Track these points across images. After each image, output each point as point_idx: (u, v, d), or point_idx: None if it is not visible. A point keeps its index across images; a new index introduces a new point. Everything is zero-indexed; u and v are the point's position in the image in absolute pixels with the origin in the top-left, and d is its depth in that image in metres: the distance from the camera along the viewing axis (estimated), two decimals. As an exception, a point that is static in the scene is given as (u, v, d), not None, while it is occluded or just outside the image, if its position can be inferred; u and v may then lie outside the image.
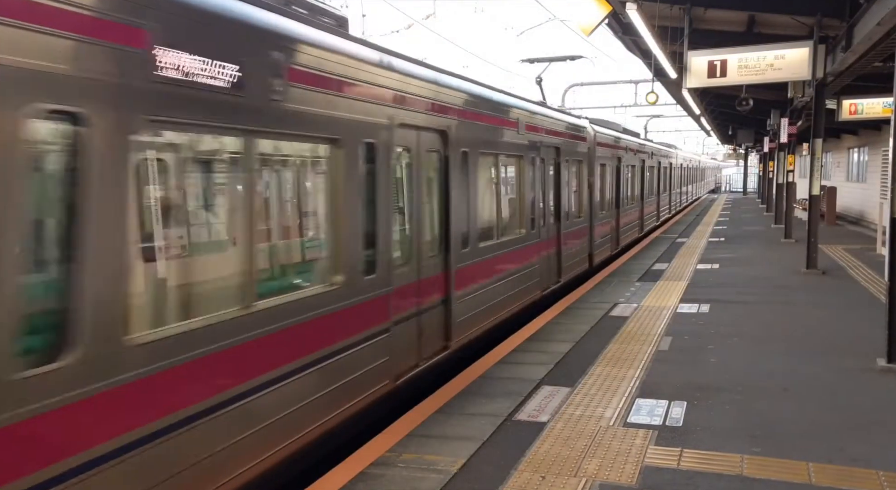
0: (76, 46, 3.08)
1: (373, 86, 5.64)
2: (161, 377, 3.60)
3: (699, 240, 19.91)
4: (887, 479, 4.42)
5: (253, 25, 4.27)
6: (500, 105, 8.88)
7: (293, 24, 4.74)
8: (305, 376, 4.80)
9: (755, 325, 8.84)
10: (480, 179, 8.13)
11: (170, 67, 3.58)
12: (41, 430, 3.00)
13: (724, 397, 6.06)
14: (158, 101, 3.53)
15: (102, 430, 3.27)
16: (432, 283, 6.87)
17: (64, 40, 3.03)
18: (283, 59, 4.49)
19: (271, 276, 4.76)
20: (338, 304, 5.18)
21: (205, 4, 3.92)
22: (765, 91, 17.60)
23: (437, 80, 6.96)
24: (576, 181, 12.86)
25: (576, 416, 5.65)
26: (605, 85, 32.36)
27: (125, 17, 3.32)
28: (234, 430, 4.12)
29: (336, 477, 4.58)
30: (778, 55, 11.93)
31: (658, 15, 11.64)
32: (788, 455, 4.82)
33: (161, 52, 3.53)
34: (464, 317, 7.53)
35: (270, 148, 4.67)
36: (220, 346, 4.01)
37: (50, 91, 2.97)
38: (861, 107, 17.14)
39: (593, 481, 4.46)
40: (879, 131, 20.55)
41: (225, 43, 3.98)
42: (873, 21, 8.61)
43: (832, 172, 29.21)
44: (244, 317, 4.23)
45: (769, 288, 11.65)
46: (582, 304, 10.50)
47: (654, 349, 7.71)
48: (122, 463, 3.34)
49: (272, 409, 4.45)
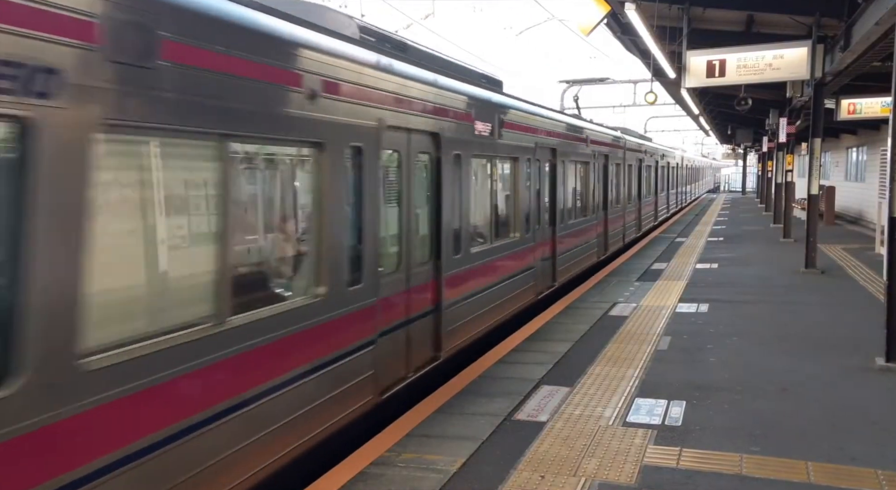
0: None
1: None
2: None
3: (698, 239, 19.92)
4: (886, 478, 4.43)
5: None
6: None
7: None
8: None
9: (754, 325, 8.84)
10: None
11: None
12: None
13: (723, 397, 6.07)
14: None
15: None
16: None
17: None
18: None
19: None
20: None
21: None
22: (763, 91, 17.60)
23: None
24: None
25: (575, 415, 5.66)
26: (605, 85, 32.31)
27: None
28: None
29: (336, 476, 4.59)
30: (776, 55, 11.94)
31: (657, 14, 11.65)
32: (787, 454, 4.83)
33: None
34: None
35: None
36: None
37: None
38: (859, 106, 17.15)
39: (593, 480, 4.47)
40: (878, 131, 20.57)
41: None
42: (871, 21, 8.62)
43: (831, 172, 29.23)
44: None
45: (768, 287, 11.66)
46: (581, 303, 10.50)
47: (653, 349, 7.71)
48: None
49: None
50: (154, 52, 3.43)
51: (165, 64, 3.50)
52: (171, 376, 3.59)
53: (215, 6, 3.98)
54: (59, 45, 2.94)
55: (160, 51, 3.47)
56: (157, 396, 3.51)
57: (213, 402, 3.89)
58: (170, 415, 3.60)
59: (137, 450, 3.39)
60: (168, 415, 3.59)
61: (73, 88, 3.00)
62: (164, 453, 3.54)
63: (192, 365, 3.72)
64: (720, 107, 24.72)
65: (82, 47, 3.05)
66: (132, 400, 3.36)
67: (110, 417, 3.25)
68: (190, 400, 3.75)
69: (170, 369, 3.58)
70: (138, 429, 3.42)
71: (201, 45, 3.78)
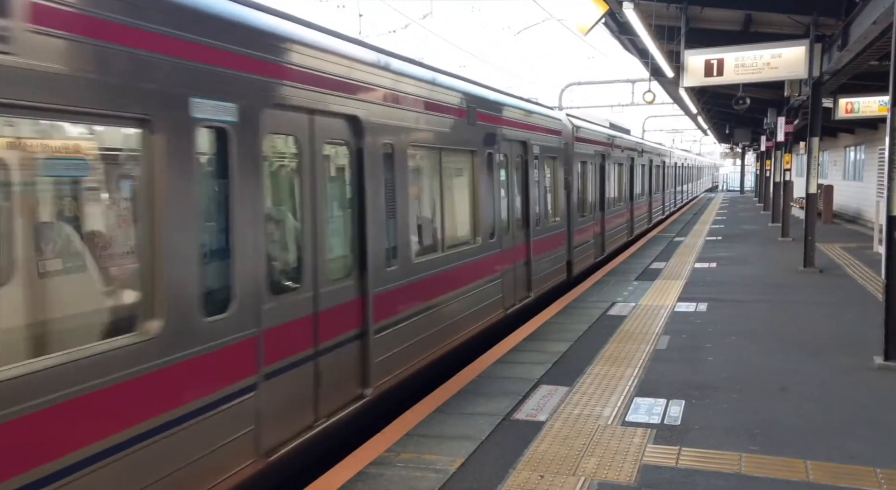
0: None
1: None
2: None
3: (697, 238, 19.93)
4: (885, 477, 4.43)
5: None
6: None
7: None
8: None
9: (753, 324, 8.85)
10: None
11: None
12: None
13: (722, 396, 6.07)
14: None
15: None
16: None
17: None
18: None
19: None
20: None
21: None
22: (761, 90, 17.64)
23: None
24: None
25: (574, 415, 5.66)
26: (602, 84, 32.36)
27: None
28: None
29: (335, 476, 4.58)
30: (774, 54, 11.94)
31: (655, 14, 11.67)
32: (786, 453, 4.83)
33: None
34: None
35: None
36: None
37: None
38: (857, 105, 17.17)
39: (592, 480, 4.47)
40: (876, 130, 20.60)
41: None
42: (869, 20, 8.63)
43: (829, 171, 29.26)
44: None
45: (767, 286, 11.66)
46: (580, 303, 10.50)
47: (652, 348, 7.71)
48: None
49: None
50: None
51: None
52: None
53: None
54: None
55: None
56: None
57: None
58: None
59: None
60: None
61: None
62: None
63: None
64: (718, 106, 24.75)
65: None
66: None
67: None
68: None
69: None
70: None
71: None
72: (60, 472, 3.12)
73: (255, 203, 4.40)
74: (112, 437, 3.36)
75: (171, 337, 3.72)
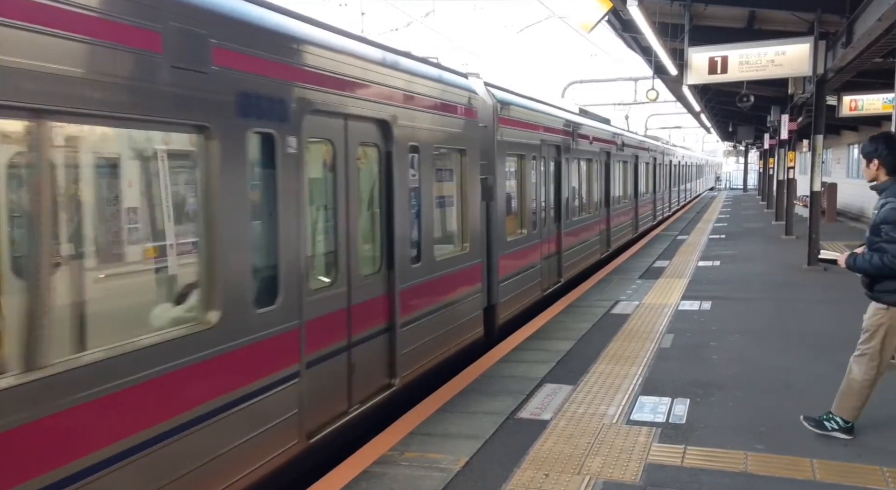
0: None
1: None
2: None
3: (700, 237, 19.90)
4: (891, 475, 4.41)
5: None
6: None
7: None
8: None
9: (757, 322, 8.82)
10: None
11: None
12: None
13: (727, 394, 6.05)
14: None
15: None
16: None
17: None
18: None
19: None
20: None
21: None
22: (765, 87, 17.59)
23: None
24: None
25: (578, 413, 5.64)
26: (605, 82, 32.33)
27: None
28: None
29: (339, 475, 4.57)
30: (778, 51, 11.91)
31: (658, 11, 11.64)
32: (792, 451, 4.81)
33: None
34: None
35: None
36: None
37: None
38: (861, 103, 17.11)
39: (596, 479, 4.45)
40: (880, 127, 20.50)
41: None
42: (874, 17, 8.59)
43: (832, 169, 29.19)
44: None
45: (770, 284, 11.64)
46: (583, 302, 10.49)
47: (656, 346, 7.69)
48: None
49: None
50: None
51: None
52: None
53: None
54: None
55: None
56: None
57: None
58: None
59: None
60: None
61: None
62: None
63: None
64: (722, 104, 24.72)
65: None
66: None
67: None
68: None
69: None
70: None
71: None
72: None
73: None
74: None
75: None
